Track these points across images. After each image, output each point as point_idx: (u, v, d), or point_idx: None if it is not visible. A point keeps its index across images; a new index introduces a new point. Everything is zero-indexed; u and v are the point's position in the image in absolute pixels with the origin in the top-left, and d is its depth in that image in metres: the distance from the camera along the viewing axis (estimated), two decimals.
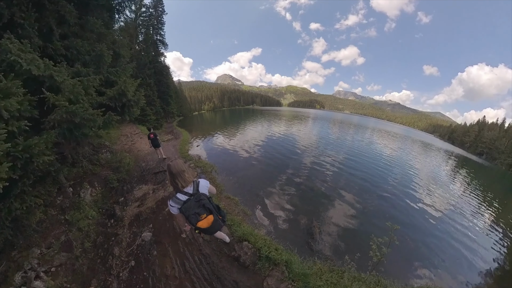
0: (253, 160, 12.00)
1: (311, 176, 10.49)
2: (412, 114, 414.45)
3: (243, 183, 8.58)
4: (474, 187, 15.31)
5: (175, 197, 2.08)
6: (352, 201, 8.33)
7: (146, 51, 22.98)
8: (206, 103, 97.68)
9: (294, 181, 9.52)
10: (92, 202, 5.62)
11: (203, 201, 2.04)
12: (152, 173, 7.28)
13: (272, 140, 18.57)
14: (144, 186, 6.43)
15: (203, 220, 2.01)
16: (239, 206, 5.96)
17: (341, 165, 12.89)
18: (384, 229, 5.62)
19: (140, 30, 24.56)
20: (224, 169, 9.59)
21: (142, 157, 9.20)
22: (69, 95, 3.63)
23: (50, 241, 4.11)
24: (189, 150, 11.50)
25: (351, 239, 5.96)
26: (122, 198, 5.94)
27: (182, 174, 2.11)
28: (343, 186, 9.87)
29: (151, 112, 20.09)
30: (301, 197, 8.12)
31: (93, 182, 6.09)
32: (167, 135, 17.33)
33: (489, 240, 7.59)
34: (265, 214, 6.50)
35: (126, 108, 5.49)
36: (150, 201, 5.59)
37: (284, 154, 13.94)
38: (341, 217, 7.00)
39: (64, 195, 5.25)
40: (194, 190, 2.10)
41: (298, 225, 6.22)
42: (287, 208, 7.11)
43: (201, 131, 22.09)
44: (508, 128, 51.51)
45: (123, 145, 10.88)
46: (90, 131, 4.18)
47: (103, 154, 8.01)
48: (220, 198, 6.00)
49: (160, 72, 25.89)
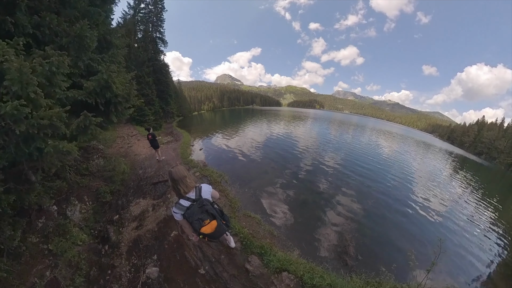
0: (266, 166, 10.84)
1: (329, 184, 9.70)
2: (411, 114, 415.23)
3: (260, 195, 7.42)
4: (474, 186, 15.49)
5: (178, 204, 2.06)
6: (384, 212, 7.82)
7: (145, 48, 22.00)
8: (205, 103, 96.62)
9: (314, 190, 8.81)
10: (82, 221, 4.72)
11: (206, 207, 2.02)
12: (150, 183, 6.35)
13: (282, 142, 17.79)
14: (142, 201, 5.51)
15: (206, 226, 1.98)
16: (263, 226, 5.08)
17: (360, 177, 11.71)
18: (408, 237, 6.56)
19: (139, 27, 23.61)
20: (236, 178, 8.42)
21: (139, 163, 8.27)
22: (11, 84, 2.33)
23: (32, 281, 3.19)
24: (191, 155, 10.56)
25: (382, 248, 5.75)
26: (117, 215, 5.03)
27: (184, 180, 2.10)
28: (362, 195, 9.04)
29: (149, 112, 19.12)
30: (323, 207, 7.38)
31: (82, 196, 5.18)
32: (166, 136, 16.38)
33: (488, 239, 7.59)
34: (293, 231, 5.69)
35: (112, 106, 4.23)
36: (150, 222, 4.68)
37: (297, 158, 13.13)
38: (370, 227, 6.58)
39: (47, 216, 4.31)
40: (197, 196, 2.09)
41: (328, 239, 5.69)
42: (312, 221, 6.45)
43: (202, 132, 21.09)
44: (507, 128, 51.77)
45: (118, 148, 9.96)
46: (48, 146, 2.76)
47: (94, 161, 7.09)
48: (238, 217, 5.08)
49: (159, 70, 24.93)
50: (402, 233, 6.70)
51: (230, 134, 19.90)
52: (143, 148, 10.44)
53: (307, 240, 5.42)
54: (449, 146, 58.20)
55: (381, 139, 33.87)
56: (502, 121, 55.72)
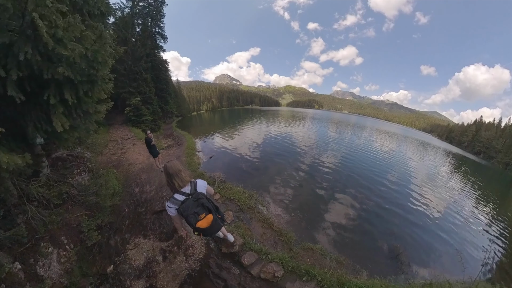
0: (301, 179, 9.10)
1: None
2: (409, 114, 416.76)
3: (310, 216, 5.98)
4: (473, 185, 15.54)
5: (172, 198, 1.98)
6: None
7: (143, 43, 20.18)
8: (204, 103, 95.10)
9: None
10: (64, 276, 3.07)
11: (202, 200, 1.97)
12: (152, 211, 4.65)
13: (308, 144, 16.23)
14: (143, 241, 3.83)
15: (202, 220, 1.93)
16: (328, 255, 4.23)
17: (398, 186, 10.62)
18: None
19: (137, 20, 21.81)
20: (271, 197, 6.80)
21: (134, 176, 6.58)
22: None
23: None
24: (200, 165, 8.79)
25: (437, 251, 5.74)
26: (111, 266, 3.37)
27: (179, 174, 2.05)
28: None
29: (147, 111, 17.32)
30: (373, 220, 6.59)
31: (59, 237, 3.50)
32: (166, 139, 14.65)
33: (487, 236, 7.49)
34: (357, 253, 4.91)
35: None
36: (166, 282, 3.00)
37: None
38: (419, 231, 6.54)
39: (8, 281, 2.63)
40: (192, 190, 2.04)
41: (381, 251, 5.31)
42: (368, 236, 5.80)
43: (205, 133, 19.31)
44: (505, 127, 52.56)
45: (109, 156, 8.25)
46: None
47: (76, 176, 5.38)
48: (300, 255, 4.04)
49: (158, 67, 23.15)
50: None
51: (236, 136, 18.18)
52: (139, 155, 8.74)
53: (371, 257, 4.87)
54: (448, 145, 59.07)
55: (384, 138, 33.75)
56: (499, 121, 57.06)
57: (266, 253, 3.54)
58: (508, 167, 38.48)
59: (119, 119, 17.32)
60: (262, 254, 3.52)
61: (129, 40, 18.28)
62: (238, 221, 4.65)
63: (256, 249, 3.62)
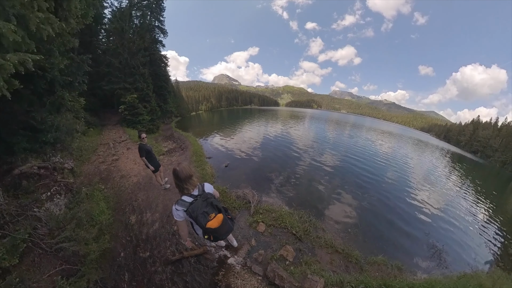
0: (347, 188, 8.09)
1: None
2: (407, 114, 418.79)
3: (372, 231, 5.57)
4: (471, 183, 15.39)
5: (180, 200, 1.90)
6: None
7: (141, 35, 18.43)
8: (203, 103, 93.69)
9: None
10: None
11: (211, 199, 1.89)
12: (167, 261, 2.99)
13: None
14: None
15: (213, 220, 1.83)
16: (389, 264, 4.13)
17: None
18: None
19: (135, 12, 20.05)
20: (327, 215, 6.02)
21: (129, 195, 4.93)
22: None
23: None
24: (215, 175, 7.16)
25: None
26: None
27: (191, 179, 1.95)
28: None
29: (144, 110, 15.61)
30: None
31: None
32: (166, 141, 12.96)
33: (485, 234, 7.36)
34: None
35: None
36: None
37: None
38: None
39: None
40: (200, 191, 1.96)
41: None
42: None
43: (208, 134, 17.67)
44: (501, 127, 52.95)
45: (98, 165, 6.61)
46: None
47: (46, 203, 3.76)
48: (368, 271, 3.71)
49: (157, 62, 21.44)
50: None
51: (246, 138, 16.54)
52: (134, 163, 7.11)
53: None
54: (446, 144, 59.37)
55: (385, 137, 33.13)
56: (496, 121, 57.45)
57: (348, 282, 3.15)
58: (505, 165, 39.61)
59: (114, 120, 15.62)
60: (345, 284, 3.06)
61: (126, 31, 16.56)
62: (302, 255, 3.73)
63: (336, 281, 3.14)
